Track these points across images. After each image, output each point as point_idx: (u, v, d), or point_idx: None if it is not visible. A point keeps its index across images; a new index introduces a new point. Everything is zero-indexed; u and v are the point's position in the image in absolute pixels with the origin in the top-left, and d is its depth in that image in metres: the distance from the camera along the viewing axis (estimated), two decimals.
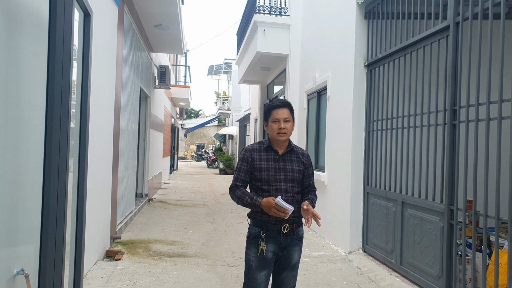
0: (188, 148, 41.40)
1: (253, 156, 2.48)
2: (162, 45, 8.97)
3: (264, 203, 2.30)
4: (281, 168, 2.46)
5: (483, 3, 3.16)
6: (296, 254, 2.49)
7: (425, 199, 3.91)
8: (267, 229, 2.40)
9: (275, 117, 2.45)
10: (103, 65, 4.38)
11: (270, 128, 2.49)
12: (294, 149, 2.57)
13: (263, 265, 2.40)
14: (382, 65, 4.82)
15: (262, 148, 2.51)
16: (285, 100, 2.57)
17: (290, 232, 2.43)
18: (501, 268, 2.98)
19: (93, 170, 4.02)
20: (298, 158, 2.55)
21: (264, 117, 2.56)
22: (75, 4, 2.33)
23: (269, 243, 2.39)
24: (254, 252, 2.41)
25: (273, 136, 2.48)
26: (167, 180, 15.19)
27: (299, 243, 2.51)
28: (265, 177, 2.43)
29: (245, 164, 2.49)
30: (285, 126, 2.44)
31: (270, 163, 2.46)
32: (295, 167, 2.50)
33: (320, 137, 6.74)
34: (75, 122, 2.72)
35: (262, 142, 2.56)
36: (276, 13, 8.50)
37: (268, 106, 2.54)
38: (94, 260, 4.37)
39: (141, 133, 8.77)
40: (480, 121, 3.20)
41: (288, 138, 2.51)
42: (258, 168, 2.45)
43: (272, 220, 2.38)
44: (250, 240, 2.46)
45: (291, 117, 2.49)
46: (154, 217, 7.34)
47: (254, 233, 2.44)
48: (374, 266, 4.59)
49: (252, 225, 2.48)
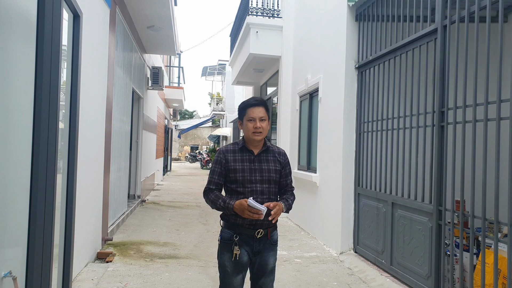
0: (182, 149, 41.28)
1: (227, 158, 2.39)
2: (155, 46, 8.96)
3: (237, 206, 2.23)
4: (257, 169, 2.37)
5: (469, 6, 3.21)
6: (271, 260, 2.42)
7: (415, 200, 3.95)
8: (240, 232, 2.33)
9: (251, 116, 2.36)
10: (94, 66, 4.37)
11: (245, 127, 2.40)
12: (270, 148, 2.48)
13: (239, 269, 2.34)
14: (373, 67, 4.87)
15: (237, 149, 2.42)
16: (261, 98, 2.48)
17: (263, 237, 2.36)
18: (488, 267, 3.02)
19: (84, 171, 4.01)
20: (275, 157, 2.46)
21: (239, 116, 2.47)
22: (64, 5, 2.33)
23: (243, 247, 2.32)
24: (228, 257, 2.33)
25: (248, 136, 2.39)
26: (160, 181, 15.15)
27: (274, 247, 2.44)
28: (240, 178, 2.34)
29: (219, 166, 2.40)
30: (261, 125, 2.35)
31: (245, 164, 2.37)
32: (271, 167, 2.41)
33: (312, 138, 6.78)
34: (64, 123, 2.72)
35: (237, 142, 2.47)
36: (269, 15, 8.54)
37: (243, 104, 2.45)
38: (85, 262, 4.35)
39: (134, 134, 8.75)
40: (467, 123, 3.24)
41: (264, 137, 2.43)
42: (232, 169, 2.36)
43: (246, 223, 2.30)
44: (223, 245, 2.37)
45: (267, 116, 2.40)
46: (146, 219, 7.32)
47: (226, 237, 2.36)
48: (365, 266, 4.62)
49: (225, 227, 2.40)
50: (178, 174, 20.37)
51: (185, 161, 36.64)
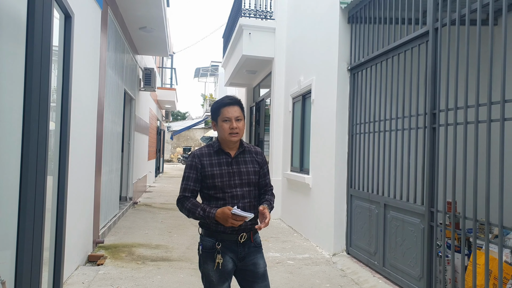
0: (175, 150, 41.10)
1: (202, 162, 2.22)
2: (147, 47, 8.92)
3: (219, 215, 2.07)
4: (235, 172, 2.24)
5: (460, 9, 3.24)
6: (261, 262, 2.29)
7: (407, 201, 3.97)
8: (223, 239, 2.19)
9: (226, 116, 2.20)
10: (85, 67, 4.34)
11: (220, 128, 2.23)
12: (247, 149, 2.34)
13: (224, 278, 2.21)
14: (365, 69, 4.89)
15: (212, 152, 2.26)
16: (235, 97, 2.33)
17: (247, 241, 2.24)
18: (479, 268, 3.05)
19: (75, 173, 3.97)
20: (252, 157, 2.33)
21: (212, 116, 2.29)
22: (55, 5, 2.31)
23: (226, 254, 2.19)
24: (212, 266, 2.18)
25: (224, 137, 2.23)
26: (152, 183, 15.06)
27: (259, 249, 2.32)
28: (219, 184, 2.19)
29: (194, 172, 2.23)
30: (237, 126, 2.20)
31: (222, 168, 2.22)
32: (250, 168, 2.28)
33: (305, 140, 6.79)
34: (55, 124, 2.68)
35: (211, 145, 2.31)
36: (262, 16, 8.55)
37: (216, 104, 2.28)
38: (76, 265, 4.30)
39: (126, 135, 8.69)
40: (458, 125, 3.27)
41: (240, 138, 2.29)
42: (210, 175, 2.20)
43: (228, 230, 2.17)
44: (205, 254, 2.21)
45: (243, 115, 2.26)
46: (138, 221, 7.27)
47: (208, 245, 2.21)
48: (357, 268, 4.63)
49: (205, 235, 2.24)
50: (171, 175, 20.27)
51: (177, 162, 36.50)
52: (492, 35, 2.93)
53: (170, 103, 16.31)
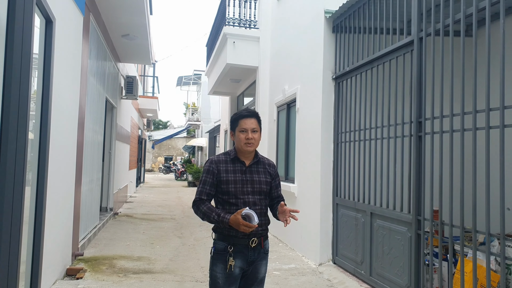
0: (156, 160, 40.59)
1: (219, 168, 2.38)
2: (129, 55, 8.79)
3: (232, 220, 2.21)
4: (249, 180, 2.39)
5: (444, 20, 3.29)
6: (263, 269, 2.43)
7: (393, 209, 3.97)
8: (235, 243, 2.32)
9: (243, 127, 2.38)
10: (66, 74, 4.21)
11: (237, 138, 2.41)
12: (261, 160, 2.50)
13: (230, 282, 2.30)
14: (350, 78, 4.92)
15: (228, 160, 2.42)
16: (253, 110, 2.51)
17: (257, 246, 2.37)
18: (466, 276, 3.05)
19: (54, 183, 3.82)
20: (265, 168, 2.49)
21: (231, 127, 2.48)
22: (36, 9, 2.22)
23: (237, 258, 2.31)
24: (221, 268, 2.30)
25: (240, 147, 2.40)
26: (133, 193, 14.77)
27: (266, 257, 2.46)
28: (233, 190, 2.35)
29: (211, 177, 2.38)
30: (253, 137, 2.37)
31: (237, 175, 2.38)
32: (262, 178, 2.43)
33: (290, 149, 6.77)
34: (34, 133, 2.57)
35: (228, 153, 2.47)
36: (246, 25, 8.55)
37: (235, 116, 2.46)
38: (53, 280, 4.12)
39: (107, 144, 8.50)
40: (444, 133, 3.30)
41: (255, 148, 2.45)
42: (225, 180, 2.35)
43: (241, 234, 2.30)
44: (216, 256, 2.34)
45: (259, 127, 2.44)
46: (119, 232, 7.07)
47: (220, 248, 2.33)
48: (344, 277, 4.59)
49: (218, 239, 2.37)
50: (152, 185, 19.95)
51: (158, 172, 36.00)
52: (475, 45, 2.98)
53: (152, 112, 16.12)
